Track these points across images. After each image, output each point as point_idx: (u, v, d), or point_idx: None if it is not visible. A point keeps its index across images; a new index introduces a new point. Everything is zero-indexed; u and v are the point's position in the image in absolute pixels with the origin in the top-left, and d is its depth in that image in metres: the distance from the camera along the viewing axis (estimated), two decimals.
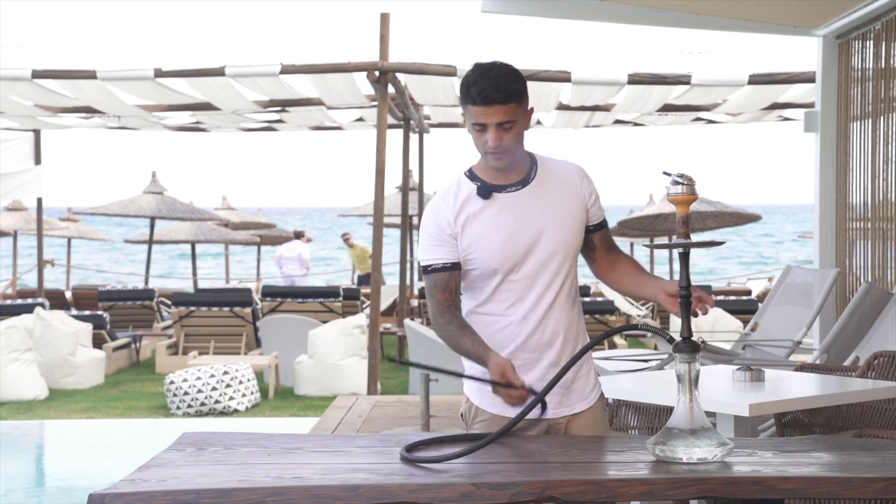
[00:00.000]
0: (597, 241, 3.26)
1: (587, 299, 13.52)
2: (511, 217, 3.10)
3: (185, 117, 14.54)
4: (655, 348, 12.73)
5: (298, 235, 20.82)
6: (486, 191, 3.11)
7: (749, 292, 18.35)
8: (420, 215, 18.39)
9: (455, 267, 3.11)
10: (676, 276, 2.83)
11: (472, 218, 3.10)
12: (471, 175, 3.16)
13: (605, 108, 13.13)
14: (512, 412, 3.03)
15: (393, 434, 3.28)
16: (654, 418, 4.94)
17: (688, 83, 11.45)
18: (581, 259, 3.29)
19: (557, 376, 2.90)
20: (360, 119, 14.97)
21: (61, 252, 31.09)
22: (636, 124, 15.21)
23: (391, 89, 11.67)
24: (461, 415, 3.27)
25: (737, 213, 18.39)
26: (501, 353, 3.09)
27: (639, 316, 14.77)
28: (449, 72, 11.12)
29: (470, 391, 3.21)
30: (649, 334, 12.66)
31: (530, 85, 3.15)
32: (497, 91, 2.99)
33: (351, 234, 22.59)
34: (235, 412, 10.47)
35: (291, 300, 13.61)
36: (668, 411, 4.39)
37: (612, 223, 21.82)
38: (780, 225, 78.37)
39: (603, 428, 3.24)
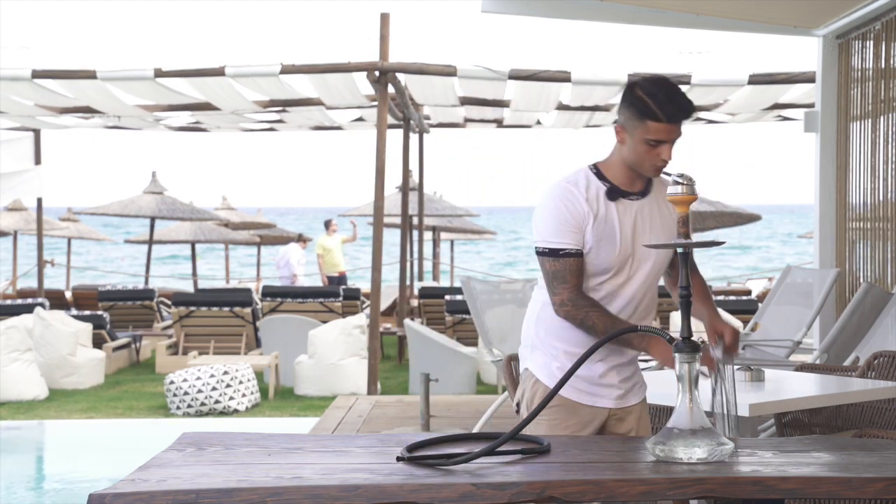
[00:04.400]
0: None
1: None
2: (631, 223, 3.21)
3: (185, 117, 14.54)
4: None
5: (299, 238, 20.73)
6: (615, 194, 3.21)
7: (749, 292, 18.34)
8: (420, 215, 18.42)
9: (581, 255, 3.19)
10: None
11: (601, 216, 3.18)
12: (598, 174, 3.24)
13: (605, 108, 13.13)
14: (589, 399, 3.24)
15: (393, 434, 3.28)
16: (654, 418, 4.94)
17: (688, 83, 11.45)
18: None
19: (570, 371, 2.89)
20: (360, 119, 14.97)
21: (61, 252, 31.09)
22: None
23: (391, 89, 11.67)
24: (517, 404, 3.34)
25: (737, 213, 18.39)
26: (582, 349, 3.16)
27: None
28: (449, 72, 11.12)
29: (540, 372, 3.28)
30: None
31: (530, 85, 3.19)
32: (684, 113, 3.16)
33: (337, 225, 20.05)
34: (235, 412, 10.47)
35: (291, 300, 13.60)
36: (668, 411, 4.39)
37: None
38: (780, 225, 78.36)
39: (647, 422, 3.42)
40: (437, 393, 9.20)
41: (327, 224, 19.78)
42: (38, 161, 15.84)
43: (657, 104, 3.12)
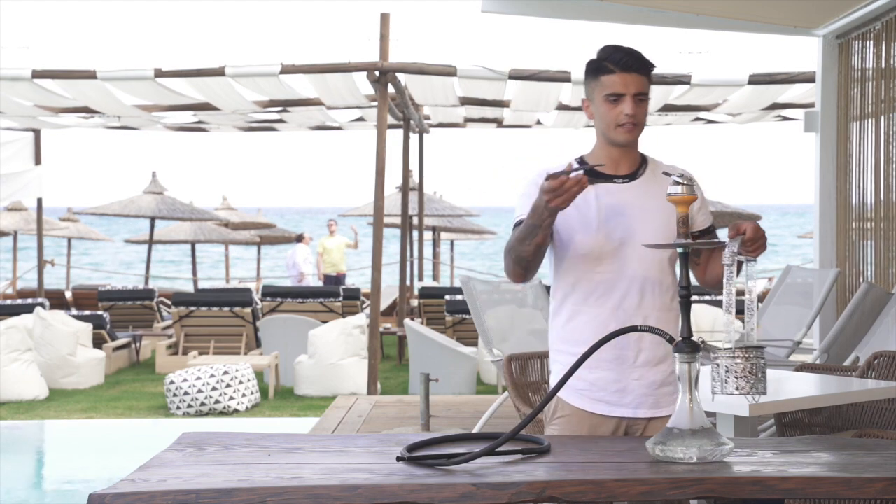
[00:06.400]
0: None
1: None
2: (610, 207, 3.09)
3: (186, 117, 14.54)
4: None
5: (299, 238, 20.77)
6: (592, 175, 3.08)
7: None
8: (420, 215, 18.43)
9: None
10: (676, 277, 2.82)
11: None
12: (581, 161, 3.16)
13: None
14: (592, 406, 3.09)
15: (393, 434, 3.28)
16: None
17: (688, 83, 11.45)
18: None
19: (569, 372, 2.85)
20: (360, 119, 14.97)
21: (61, 252, 31.08)
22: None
23: (391, 89, 11.67)
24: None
25: (737, 213, 18.37)
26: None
27: None
28: (449, 72, 11.12)
29: (554, 382, 3.14)
30: None
31: (530, 85, 3.17)
32: (637, 60, 3.09)
33: (336, 226, 20.34)
34: (235, 412, 10.47)
35: (291, 300, 13.60)
36: None
37: None
38: (780, 225, 78.35)
39: None
40: (437, 393, 9.21)
41: (329, 225, 20.00)
42: (38, 161, 15.85)
43: (605, 56, 3.10)
